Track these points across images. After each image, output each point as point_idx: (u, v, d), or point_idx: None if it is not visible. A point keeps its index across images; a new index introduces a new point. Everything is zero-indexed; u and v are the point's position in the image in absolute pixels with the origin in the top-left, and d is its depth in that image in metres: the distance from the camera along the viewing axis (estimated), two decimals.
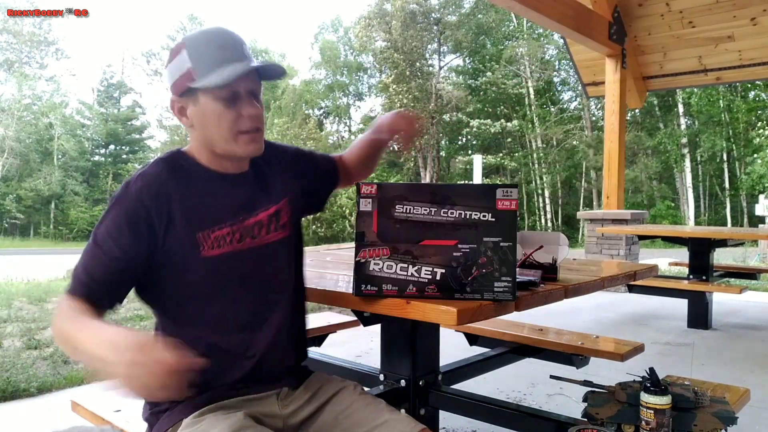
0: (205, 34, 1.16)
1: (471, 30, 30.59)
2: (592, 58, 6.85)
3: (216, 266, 1.15)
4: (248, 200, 1.22)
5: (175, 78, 1.15)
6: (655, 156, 27.37)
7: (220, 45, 1.14)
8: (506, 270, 1.20)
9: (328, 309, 4.33)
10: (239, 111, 1.15)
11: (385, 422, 1.19)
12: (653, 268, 2.00)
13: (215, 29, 1.17)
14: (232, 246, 1.17)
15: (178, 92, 1.16)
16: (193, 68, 1.13)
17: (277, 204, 1.27)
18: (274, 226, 1.25)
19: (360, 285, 1.23)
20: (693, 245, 4.74)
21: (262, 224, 1.22)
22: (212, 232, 1.15)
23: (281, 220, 1.27)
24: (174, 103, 1.18)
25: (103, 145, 40.37)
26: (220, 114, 1.14)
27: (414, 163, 30.90)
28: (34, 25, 37.79)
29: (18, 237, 34.24)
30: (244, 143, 1.17)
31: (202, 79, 1.12)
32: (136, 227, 1.11)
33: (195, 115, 1.16)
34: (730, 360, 3.68)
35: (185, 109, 1.17)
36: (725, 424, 1.46)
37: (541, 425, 1.71)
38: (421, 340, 1.77)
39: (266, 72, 1.20)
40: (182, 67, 1.13)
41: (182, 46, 1.15)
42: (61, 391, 3.09)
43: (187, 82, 1.13)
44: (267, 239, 1.23)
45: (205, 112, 1.15)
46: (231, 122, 1.15)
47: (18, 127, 34.63)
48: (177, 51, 1.15)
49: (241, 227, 1.19)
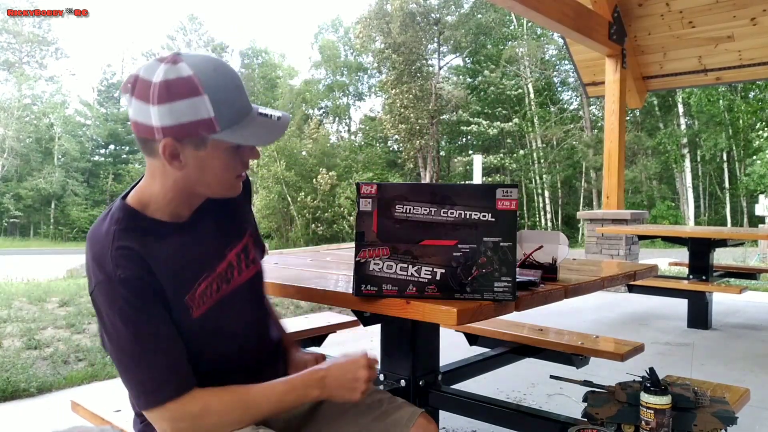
0: (222, 78, 1.02)
1: (471, 30, 30.60)
2: (592, 58, 6.86)
3: (204, 324, 1.09)
4: (214, 245, 1.14)
5: (182, 121, 0.99)
6: (655, 156, 27.37)
7: (237, 87, 1.04)
8: (506, 270, 1.20)
9: (328, 309, 4.33)
10: (243, 158, 1.09)
11: (386, 411, 1.20)
12: (653, 268, 2.00)
13: (225, 69, 1.04)
14: (212, 299, 1.10)
15: (181, 136, 1.00)
16: (216, 118, 1.00)
17: (241, 239, 1.19)
18: (245, 264, 1.17)
19: (360, 285, 1.24)
20: (693, 245, 4.74)
21: (232, 266, 1.15)
22: (195, 292, 1.07)
23: (250, 254, 1.20)
24: (167, 147, 1.00)
25: (104, 145, 40.41)
26: (227, 163, 1.06)
27: (414, 163, 30.90)
28: (34, 25, 37.85)
29: (18, 237, 34.28)
30: (236, 187, 1.11)
31: (229, 133, 1.01)
32: (144, 294, 1.01)
33: (194, 161, 1.03)
34: (730, 360, 3.68)
35: (181, 153, 1.02)
36: (725, 424, 1.46)
37: (541, 425, 1.71)
38: (421, 340, 1.77)
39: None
40: (198, 112, 0.99)
41: (197, 88, 0.99)
42: (61, 391, 3.09)
43: (206, 131, 1.00)
44: (240, 280, 1.16)
45: (211, 160, 1.04)
46: (235, 170, 1.08)
47: (18, 127, 34.66)
48: (188, 91, 0.98)
49: (215, 276, 1.11)
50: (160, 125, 0.99)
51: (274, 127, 1.07)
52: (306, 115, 35.62)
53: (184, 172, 1.04)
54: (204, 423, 1.02)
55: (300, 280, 1.58)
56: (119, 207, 1.07)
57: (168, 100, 0.98)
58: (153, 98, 0.98)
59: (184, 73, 0.99)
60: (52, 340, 3.99)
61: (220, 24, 69.27)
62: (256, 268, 1.21)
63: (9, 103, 35.17)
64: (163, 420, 1.01)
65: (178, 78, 0.98)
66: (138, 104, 1.00)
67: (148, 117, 0.99)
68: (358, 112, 39.47)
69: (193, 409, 1.01)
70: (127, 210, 1.06)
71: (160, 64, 1.00)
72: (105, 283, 1.00)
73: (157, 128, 0.99)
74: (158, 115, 0.98)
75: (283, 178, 29.46)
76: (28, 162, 35.69)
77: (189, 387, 1.02)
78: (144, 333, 1.00)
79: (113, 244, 1.01)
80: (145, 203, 1.08)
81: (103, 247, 1.02)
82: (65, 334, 4.15)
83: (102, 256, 1.01)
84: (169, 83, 0.98)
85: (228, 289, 1.13)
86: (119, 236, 1.02)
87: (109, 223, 1.05)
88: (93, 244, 1.04)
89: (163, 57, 1.02)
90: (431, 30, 30.33)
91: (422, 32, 29.56)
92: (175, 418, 1.01)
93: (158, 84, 0.98)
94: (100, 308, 1.01)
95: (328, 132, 36.30)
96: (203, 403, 1.02)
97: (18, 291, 6.01)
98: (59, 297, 5.48)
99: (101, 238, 1.03)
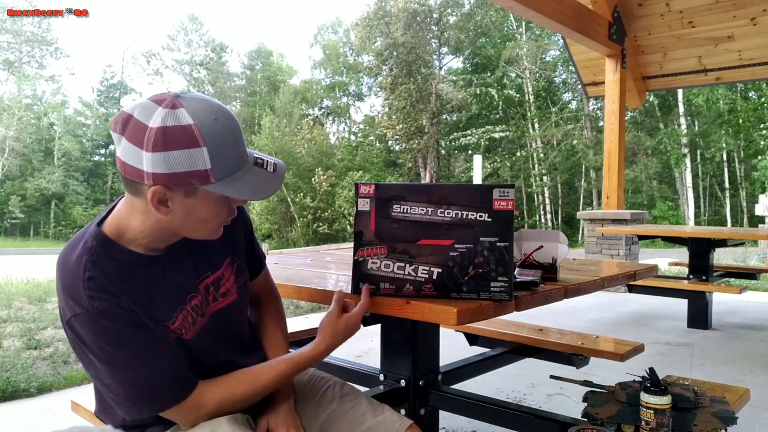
0: (222, 128, 0.98)
1: (471, 30, 30.59)
2: (592, 58, 6.86)
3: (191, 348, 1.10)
4: (187, 278, 1.11)
5: (176, 170, 0.94)
6: (655, 156, 27.36)
7: (236, 138, 1.00)
8: (503, 270, 1.20)
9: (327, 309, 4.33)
10: (231, 206, 1.07)
11: (370, 425, 1.19)
12: (653, 268, 2.00)
13: (226, 118, 0.99)
14: (192, 331, 1.09)
15: (172, 185, 0.96)
16: (212, 170, 0.96)
17: (216, 270, 1.16)
18: (212, 297, 1.14)
19: (358, 283, 1.24)
20: (693, 245, 4.74)
21: (205, 299, 1.13)
22: (173, 324, 1.06)
23: (222, 287, 1.16)
24: (156, 193, 0.96)
25: (104, 145, 40.39)
26: (216, 212, 1.04)
27: (414, 163, 30.89)
28: (34, 25, 37.84)
29: (18, 237, 34.27)
30: (219, 232, 1.09)
31: (223, 186, 0.98)
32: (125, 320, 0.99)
33: (182, 208, 1.00)
34: (730, 360, 3.68)
35: (169, 200, 0.98)
36: (725, 424, 1.46)
37: (541, 425, 1.71)
38: (421, 340, 1.77)
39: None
40: (194, 163, 0.95)
41: (196, 139, 0.94)
42: (61, 391, 3.09)
43: (200, 182, 0.97)
44: (211, 311, 1.14)
45: (199, 208, 1.01)
46: (223, 218, 1.06)
47: (18, 127, 34.67)
48: (186, 142, 0.94)
49: (189, 309, 1.10)
50: (152, 172, 0.94)
51: (268, 180, 1.03)
52: (305, 115, 35.64)
53: (170, 217, 1.01)
54: (219, 412, 1.08)
55: (300, 280, 1.58)
56: (93, 234, 1.04)
57: (164, 149, 0.93)
58: (147, 144, 0.93)
59: (184, 121, 0.94)
60: (52, 340, 3.99)
61: (220, 24, 69.39)
62: (227, 300, 1.17)
63: (9, 103, 35.18)
64: (176, 415, 1.06)
65: (177, 126, 0.93)
66: (129, 146, 0.95)
67: (139, 161, 0.94)
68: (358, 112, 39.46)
69: (206, 402, 1.06)
70: (101, 239, 1.03)
71: (158, 107, 0.94)
72: (83, 315, 0.97)
73: (147, 174, 0.94)
74: (151, 162, 0.93)
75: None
76: (29, 162, 35.70)
77: (193, 385, 1.05)
78: (137, 352, 1.00)
79: (84, 275, 0.99)
80: (120, 233, 1.04)
81: (74, 279, 0.99)
82: (65, 334, 4.15)
83: (73, 288, 0.99)
84: (167, 131, 0.93)
85: (203, 322, 1.12)
86: (89, 267, 0.99)
87: (81, 250, 1.02)
88: (63, 275, 1.02)
89: (162, 97, 0.96)
90: (431, 30, 30.33)
91: (422, 32, 29.55)
92: (189, 413, 1.05)
93: (155, 130, 0.93)
94: (82, 337, 0.99)
95: (327, 132, 36.35)
96: (215, 397, 1.07)
97: (18, 291, 6.01)
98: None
99: (72, 267, 1.01)
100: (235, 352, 1.18)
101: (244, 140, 1.04)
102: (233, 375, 1.11)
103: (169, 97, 0.96)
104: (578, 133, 28.30)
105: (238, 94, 40.38)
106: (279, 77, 39.85)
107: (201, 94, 1.01)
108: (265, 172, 1.04)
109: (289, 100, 34.96)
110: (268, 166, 1.04)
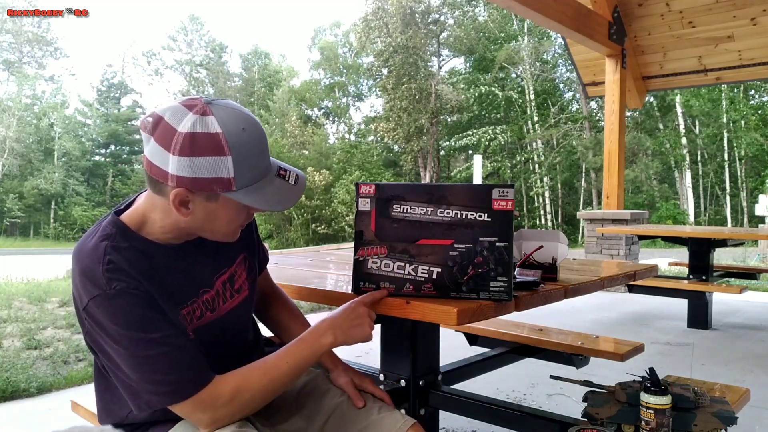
0: (249, 139, 1.00)
1: (470, 30, 30.58)
2: (591, 58, 6.86)
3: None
4: (203, 272, 1.14)
5: (200, 175, 0.97)
6: (655, 156, 27.37)
7: (261, 149, 1.03)
8: (502, 270, 1.20)
9: (328, 309, 4.33)
10: (250, 212, 1.10)
11: (373, 422, 1.19)
12: (653, 268, 2.00)
13: (254, 129, 1.02)
14: (192, 325, 1.10)
15: (195, 189, 0.99)
16: (234, 179, 0.99)
17: (230, 266, 1.19)
18: (230, 293, 1.18)
19: (358, 282, 1.25)
20: (693, 245, 4.74)
21: (219, 294, 1.16)
22: (178, 315, 1.08)
23: (236, 282, 1.20)
24: (178, 195, 0.99)
25: (104, 145, 40.42)
26: (234, 218, 1.07)
27: (414, 163, 30.90)
28: (34, 25, 37.86)
29: (18, 237, 34.28)
30: (236, 235, 1.12)
31: (244, 194, 1.01)
32: (143, 302, 1.00)
33: (202, 211, 1.03)
34: (730, 360, 3.68)
35: (190, 203, 1.01)
36: (725, 424, 1.46)
37: (541, 425, 1.70)
38: (421, 340, 1.77)
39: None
40: (218, 171, 0.98)
41: (223, 148, 0.97)
42: (61, 391, 3.09)
43: (222, 189, 1.00)
44: (225, 309, 1.16)
45: (219, 212, 1.04)
46: (240, 223, 1.10)
47: (18, 127, 34.68)
48: (213, 149, 0.97)
49: (200, 303, 1.11)
50: (177, 174, 0.97)
51: (288, 192, 1.06)
52: (305, 116, 35.66)
53: (190, 219, 1.04)
54: (237, 403, 1.04)
55: (300, 280, 1.58)
56: (111, 222, 1.06)
57: (191, 154, 0.96)
58: (175, 148, 0.96)
59: (212, 129, 0.96)
60: (52, 340, 3.99)
61: (220, 24, 69.41)
62: (241, 297, 1.20)
63: (9, 103, 35.18)
64: (195, 411, 1.02)
65: (205, 133, 0.96)
66: (157, 148, 0.98)
67: (165, 163, 0.97)
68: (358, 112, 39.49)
69: (222, 393, 1.03)
70: (120, 226, 1.06)
71: (189, 112, 0.97)
72: (101, 297, 0.98)
73: (172, 176, 0.97)
74: (177, 165, 0.97)
75: None
76: (29, 162, 35.70)
77: (210, 376, 1.03)
78: (154, 337, 0.99)
79: (104, 258, 1.00)
80: (140, 225, 1.07)
81: (93, 262, 1.00)
82: (65, 334, 4.15)
83: (92, 271, 1.00)
84: (195, 137, 0.96)
85: (212, 317, 1.13)
86: (109, 251, 1.01)
87: (99, 237, 1.04)
88: (80, 259, 1.03)
89: (193, 103, 0.99)
90: (431, 30, 30.33)
91: (422, 32, 29.55)
92: (207, 406, 1.02)
93: (184, 135, 0.96)
94: (100, 321, 0.99)
95: (326, 133, 36.36)
96: (229, 385, 1.04)
97: (18, 291, 6.01)
98: (59, 297, 5.48)
99: (90, 252, 1.02)
100: (234, 352, 1.19)
101: (269, 151, 1.06)
102: (248, 366, 1.09)
103: (201, 103, 0.99)
104: (578, 133, 28.30)
105: (238, 94, 40.40)
106: (278, 78, 39.85)
107: (233, 103, 1.03)
108: (286, 184, 1.06)
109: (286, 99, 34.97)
110: (290, 178, 1.07)
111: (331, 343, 1.15)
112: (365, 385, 1.29)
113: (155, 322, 1.00)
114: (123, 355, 0.99)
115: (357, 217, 1.24)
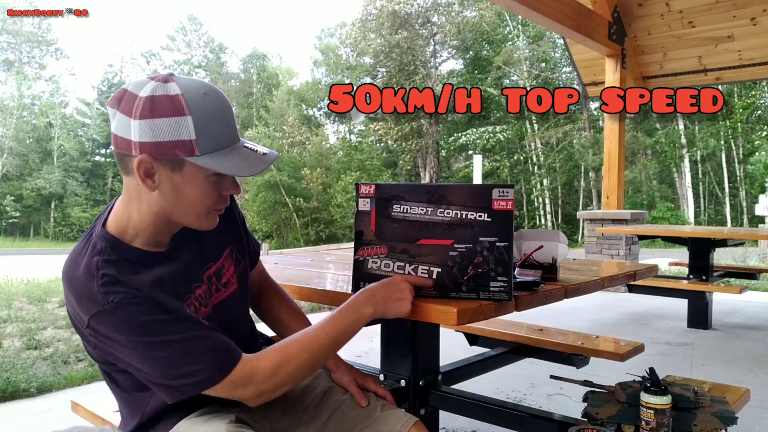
0: (211, 104, 1.00)
1: (469, 31, 30.56)
2: (591, 58, 6.86)
3: None
4: (193, 269, 1.13)
5: (161, 139, 0.96)
6: (655, 157, 27.37)
7: (225, 116, 1.02)
8: (502, 270, 1.19)
9: (328, 309, 4.33)
10: (221, 191, 1.06)
11: (375, 420, 1.19)
12: (653, 268, 2.00)
13: (217, 96, 1.02)
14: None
15: (158, 155, 0.97)
16: (196, 141, 0.97)
17: (217, 261, 1.18)
18: (215, 288, 1.16)
19: (358, 282, 1.24)
20: (693, 245, 4.74)
21: (209, 289, 1.15)
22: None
23: (223, 277, 1.19)
24: (142, 163, 0.97)
25: (104, 145, 40.38)
26: (204, 193, 1.03)
27: (413, 163, 30.90)
28: (34, 25, 37.86)
29: (18, 237, 34.26)
30: (211, 221, 1.09)
31: (208, 159, 0.99)
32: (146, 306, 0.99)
33: (168, 184, 1.00)
34: (730, 360, 3.68)
35: (156, 173, 0.99)
36: (725, 424, 1.46)
37: (541, 425, 1.70)
38: (421, 340, 1.77)
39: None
40: (179, 132, 0.96)
41: (182, 108, 0.97)
42: (61, 391, 3.09)
43: (183, 153, 0.97)
44: (213, 302, 1.15)
45: (186, 186, 1.01)
46: (212, 202, 1.06)
47: (18, 127, 34.66)
48: (172, 110, 0.96)
49: (193, 299, 1.10)
50: (138, 141, 0.96)
51: (256, 160, 1.03)
52: (304, 116, 35.64)
53: (159, 197, 1.01)
54: (279, 377, 1.05)
55: (300, 280, 1.58)
56: (100, 236, 1.05)
57: (150, 116, 0.96)
58: (135, 113, 0.96)
59: (172, 92, 0.97)
60: (52, 340, 3.99)
61: (219, 24, 69.41)
62: (228, 291, 1.19)
63: (8, 103, 35.18)
64: (235, 390, 1.03)
65: (165, 96, 0.97)
66: (121, 117, 0.98)
67: (128, 131, 0.97)
68: None
69: (262, 368, 1.04)
70: (109, 239, 1.04)
71: (150, 81, 0.99)
72: (101, 313, 0.97)
73: (134, 143, 0.97)
74: (138, 130, 0.96)
75: (279, 181, 29.47)
76: (28, 162, 35.69)
77: (237, 356, 1.03)
78: (165, 339, 0.99)
79: (98, 273, 0.99)
80: (123, 230, 1.06)
81: (87, 280, 0.99)
82: (65, 334, 4.15)
83: (87, 289, 0.99)
84: (154, 99, 0.96)
85: (206, 312, 1.12)
86: (101, 266, 1.00)
87: (90, 253, 1.03)
88: (73, 279, 1.01)
89: (156, 75, 1.01)
90: (426, 30, 30.30)
91: (417, 32, 29.53)
92: (247, 383, 1.03)
93: (143, 99, 0.96)
94: (107, 334, 0.98)
95: (326, 133, 36.36)
96: (270, 360, 1.05)
97: (18, 291, 6.02)
98: (59, 297, 5.48)
99: (83, 271, 1.01)
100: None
101: (236, 124, 1.05)
102: (287, 339, 1.10)
103: (165, 74, 1.01)
104: (578, 133, 28.29)
105: (237, 95, 40.38)
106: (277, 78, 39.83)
107: (199, 78, 1.01)
108: (254, 153, 1.04)
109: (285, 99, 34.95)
110: (258, 151, 1.06)
111: (371, 313, 1.13)
112: (368, 384, 1.30)
113: (162, 323, 0.99)
114: (140, 359, 0.99)
115: (357, 216, 1.24)
